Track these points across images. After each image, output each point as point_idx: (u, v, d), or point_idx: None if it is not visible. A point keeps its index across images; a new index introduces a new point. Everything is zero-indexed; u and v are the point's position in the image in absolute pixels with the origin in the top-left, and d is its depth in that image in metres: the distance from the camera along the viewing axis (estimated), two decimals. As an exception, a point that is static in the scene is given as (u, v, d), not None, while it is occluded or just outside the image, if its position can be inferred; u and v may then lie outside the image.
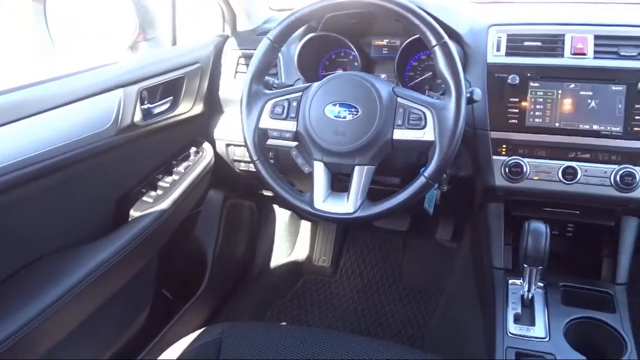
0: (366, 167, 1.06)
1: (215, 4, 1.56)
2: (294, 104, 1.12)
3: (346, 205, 1.07)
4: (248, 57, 1.47)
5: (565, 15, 1.30)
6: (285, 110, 1.12)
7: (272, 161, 1.20)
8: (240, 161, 1.57)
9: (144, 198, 1.39)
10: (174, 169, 1.47)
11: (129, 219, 1.34)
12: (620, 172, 1.14)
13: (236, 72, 1.51)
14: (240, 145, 1.52)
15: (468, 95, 1.05)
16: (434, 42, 1.02)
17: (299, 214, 2.10)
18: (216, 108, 1.58)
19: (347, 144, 1.06)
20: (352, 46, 1.34)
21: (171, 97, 1.42)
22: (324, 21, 1.36)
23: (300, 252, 2.16)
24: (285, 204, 1.35)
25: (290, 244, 2.17)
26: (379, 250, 2.14)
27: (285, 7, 1.70)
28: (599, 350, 1.09)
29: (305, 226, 2.19)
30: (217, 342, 1.04)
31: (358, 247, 2.17)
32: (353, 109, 1.06)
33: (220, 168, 1.61)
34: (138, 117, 1.29)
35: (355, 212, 1.06)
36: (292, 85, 1.26)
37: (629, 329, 1.11)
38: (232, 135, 1.53)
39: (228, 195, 1.81)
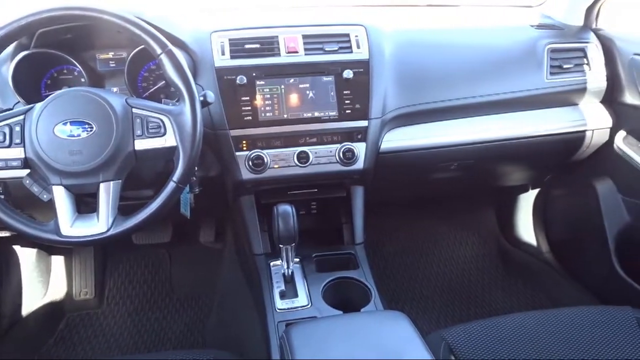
0: (112, 182, 1.04)
1: None
2: (17, 128, 1.03)
3: (98, 225, 1.03)
4: None
5: (278, 19, 1.45)
6: (8, 137, 1.02)
7: (1, 196, 1.08)
8: (-42, 204, 1.35)
9: None
10: None
11: None
12: (342, 150, 1.34)
13: None
14: (-45, 186, 1.31)
15: (201, 98, 1.11)
16: (159, 50, 1.05)
17: (47, 247, 1.91)
18: None
19: (86, 162, 1.01)
20: (74, 62, 1.28)
21: None
22: (36, 37, 1.26)
23: (57, 290, 1.98)
24: (28, 240, 1.22)
25: (42, 284, 1.97)
26: (145, 267, 2.09)
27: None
28: (352, 303, 1.28)
29: (58, 261, 2.01)
30: None
31: (122, 270, 2.08)
32: (87, 126, 1.02)
33: None
34: None
35: (109, 230, 1.03)
36: (11, 109, 1.14)
37: (371, 278, 1.32)
38: None
39: (-49, 246, 1.55)
